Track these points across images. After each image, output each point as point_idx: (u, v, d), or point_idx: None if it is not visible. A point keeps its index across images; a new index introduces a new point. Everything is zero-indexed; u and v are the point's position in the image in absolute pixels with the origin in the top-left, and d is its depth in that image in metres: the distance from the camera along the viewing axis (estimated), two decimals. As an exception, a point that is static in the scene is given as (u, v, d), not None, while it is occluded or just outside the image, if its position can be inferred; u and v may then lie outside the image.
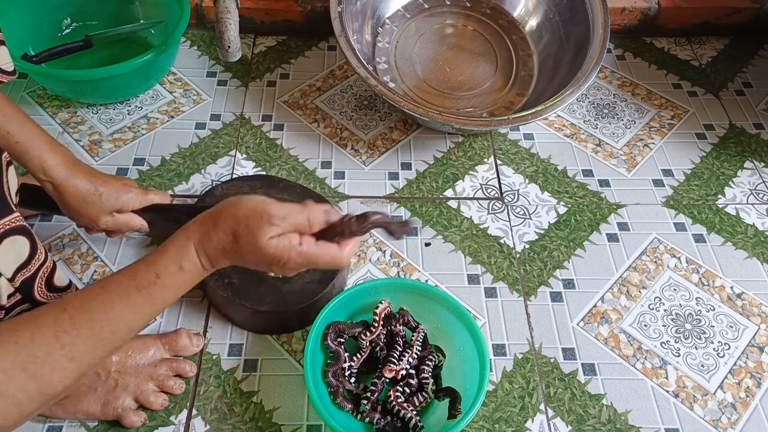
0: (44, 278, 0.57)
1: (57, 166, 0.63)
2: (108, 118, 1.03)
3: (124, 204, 0.70)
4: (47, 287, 0.58)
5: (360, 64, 0.92)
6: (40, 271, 0.56)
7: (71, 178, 0.64)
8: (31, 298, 0.57)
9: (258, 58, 1.15)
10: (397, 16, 1.13)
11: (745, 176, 1.00)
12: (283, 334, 0.78)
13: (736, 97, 1.12)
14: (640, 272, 0.87)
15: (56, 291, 0.60)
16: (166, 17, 1.06)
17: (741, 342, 0.80)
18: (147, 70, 1.00)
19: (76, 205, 0.66)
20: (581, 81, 0.93)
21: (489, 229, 0.90)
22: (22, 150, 0.61)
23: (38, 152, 0.62)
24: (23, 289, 0.55)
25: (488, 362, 0.67)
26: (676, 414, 0.74)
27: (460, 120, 0.90)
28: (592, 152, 1.02)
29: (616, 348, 0.79)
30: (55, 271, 0.59)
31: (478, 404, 0.64)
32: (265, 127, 1.03)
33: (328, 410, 0.65)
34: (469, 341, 0.70)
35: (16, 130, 0.61)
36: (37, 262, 0.55)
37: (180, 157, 0.98)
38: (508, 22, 1.14)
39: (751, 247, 0.90)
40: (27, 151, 0.62)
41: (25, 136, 0.61)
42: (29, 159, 0.62)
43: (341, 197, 0.93)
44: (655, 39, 1.23)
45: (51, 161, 0.63)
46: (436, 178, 0.97)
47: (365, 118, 1.05)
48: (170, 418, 0.71)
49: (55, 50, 1.00)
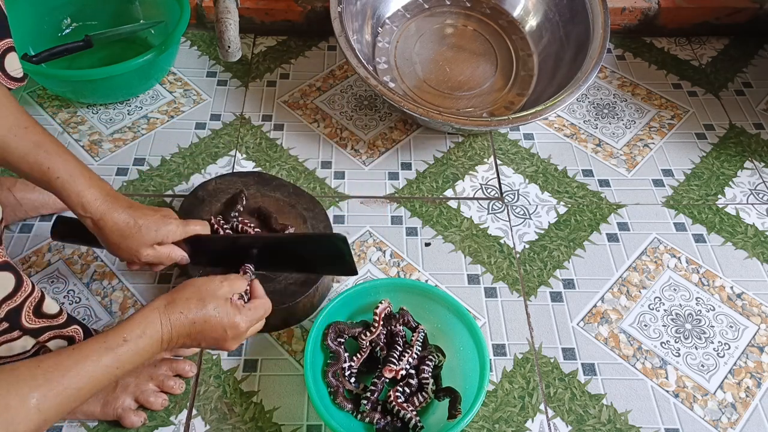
0: (32, 307, 0.58)
1: (95, 200, 0.63)
2: (108, 118, 1.03)
3: (164, 236, 0.68)
4: (35, 314, 0.59)
5: (360, 64, 0.92)
6: (27, 301, 0.57)
7: (110, 212, 0.64)
8: (19, 326, 0.57)
9: (258, 58, 1.15)
10: (397, 16, 1.13)
11: (745, 176, 1.00)
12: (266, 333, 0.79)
13: (736, 97, 1.12)
14: (640, 272, 0.87)
15: (46, 317, 0.61)
16: (166, 17, 1.06)
17: (741, 342, 0.80)
18: (147, 70, 1.00)
19: (115, 239, 0.66)
20: (581, 81, 0.93)
21: (489, 229, 0.90)
22: (61, 186, 0.62)
23: (77, 188, 0.62)
24: (10, 318, 0.56)
25: (488, 362, 0.67)
26: (676, 414, 0.74)
27: (460, 120, 0.90)
28: (592, 152, 1.02)
29: (616, 348, 0.79)
30: (43, 301, 0.60)
31: (478, 404, 0.64)
32: (265, 127, 1.03)
33: (328, 410, 0.65)
34: (469, 341, 0.70)
35: (56, 166, 0.61)
36: (24, 294, 0.56)
37: (180, 157, 0.98)
38: (508, 22, 1.14)
39: (751, 247, 0.90)
40: (66, 187, 0.62)
41: (65, 172, 0.62)
42: (68, 195, 0.62)
43: (341, 197, 0.93)
44: (655, 39, 1.23)
45: (89, 196, 0.63)
46: (436, 178, 0.97)
47: (365, 118, 1.05)
48: (170, 418, 0.71)
49: (55, 50, 1.00)
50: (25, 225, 0.88)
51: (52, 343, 0.63)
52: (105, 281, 0.83)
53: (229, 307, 0.61)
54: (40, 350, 0.62)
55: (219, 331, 0.60)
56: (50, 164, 0.61)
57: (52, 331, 0.62)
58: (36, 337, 0.60)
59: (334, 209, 0.92)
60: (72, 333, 0.65)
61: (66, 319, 0.64)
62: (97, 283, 0.82)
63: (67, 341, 0.64)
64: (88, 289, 0.82)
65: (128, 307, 0.80)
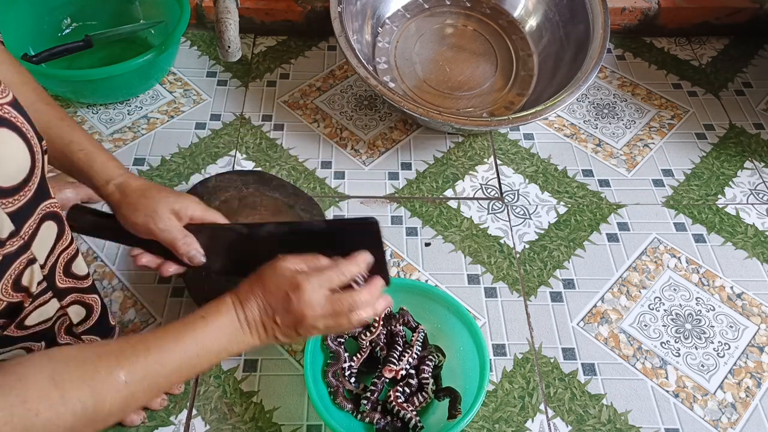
0: (64, 263, 0.58)
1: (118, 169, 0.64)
2: (108, 118, 1.03)
3: (183, 206, 0.63)
4: (65, 272, 0.59)
5: (360, 64, 0.92)
6: (63, 253, 0.57)
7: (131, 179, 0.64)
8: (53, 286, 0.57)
9: (258, 58, 1.15)
10: (397, 16, 1.13)
11: (745, 176, 1.00)
12: None
13: (736, 97, 1.12)
14: (640, 272, 0.87)
15: (74, 278, 0.60)
16: (166, 17, 1.06)
17: (741, 342, 0.80)
18: (147, 70, 1.00)
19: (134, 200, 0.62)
20: (581, 81, 0.93)
21: (489, 229, 0.90)
22: (86, 157, 0.62)
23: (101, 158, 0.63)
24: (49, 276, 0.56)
25: (488, 362, 0.67)
26: (676, 414, 0.74)
27: (460, 120, 0.90)
28: (592, 152, 1.02)
29: (616, 348, 0.79)
30: (76, 258, 0.60)
31: (478, 404, 0.64)
32: (265, 127, 1.03)
33: (328, 410, 0.65)
34: (469, 341, 0.70)
35: (79, 140, 0.62)
36: (62, 245, 0.57)
37: (180, 157, 0.98)
38: (508, 22, 1.14)
39: (751, 247, 0.90)
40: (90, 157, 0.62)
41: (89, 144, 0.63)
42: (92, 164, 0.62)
43: (341, 197, 0.93)
44: (655, 39, 1.23)
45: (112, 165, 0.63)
46: (436, 178, 0.97)
47: (365, 118, 1.05)
48: (170, 418, 0.71)
49: (55, 50, 1.00)
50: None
51: (72, 308, 0.62)
52: (105, 281, 0.83)
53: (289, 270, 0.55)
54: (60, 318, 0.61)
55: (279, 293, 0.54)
56: (73, 138, 0.61)
57: (76, 294, 0.61)
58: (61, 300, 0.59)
59: (334, 209, 0.92)
60: (91, 301, 0.64)
61: (90, 285, 0.63)
62: (97, 283, 0.82)
63: (86, 309, 0.64)
64: (88, 289, 0.82)
65: (128, 307, 0.80)
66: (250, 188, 0.85)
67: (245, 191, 0.85)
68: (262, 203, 0.83)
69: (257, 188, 0.85)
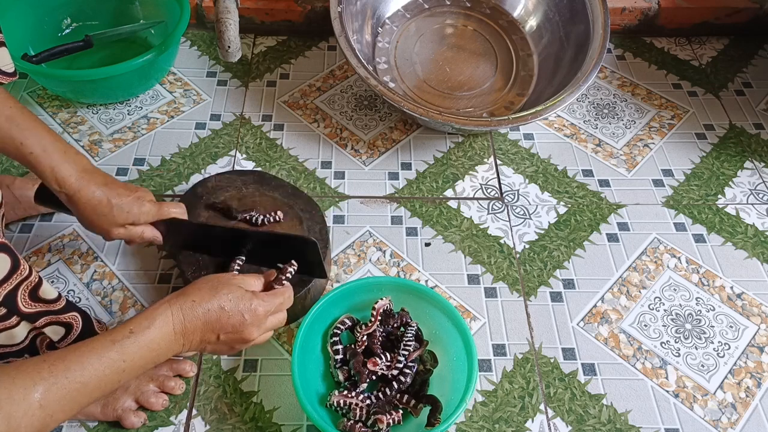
0: (27, 290, 0.57)
1: (70, 177, 0.63)
2: (108, 118, 1.03)
3: (136, 217, 0.68)
4: (31, 297, 0.58)
5: (360, 64, 0.92)
6: (23, 285, 0.56)
7: (84, 189, 0.64)
8: (16, 310, 0.57)
9: (258, 58, 1.15)
10: (397, 16, 1.13)
11: (745, 176, 1.00)
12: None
13: (736, 97, 1.12)
14: (640, 272, 0.87)
15: (42, 302, 0.60)
16: (166, 17, 1.07)
17: (741, 342, 0.80)
18: (147, 70, 1.00)
19: (88, 215, 0.66)
20: (581, 81, 0.93)
21: (489, 229, 0.90)
22: (35, 161, 0.61)
23: (51, 163, 0.62)
24: (7, 302, 0.55)
25: (476, 375, 0.66)
26: (676, 414, 0.74)
27: (460, 120, 0.90)
28: (592, 152, 1.02)
29: (616, 348, 0.79)
30: (41, 285, 0.59)
31: (456, 416, 0.63)
32: (265, 127, 1.03)
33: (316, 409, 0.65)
34: (461, 352, 0.69)
35: (29, 141, 0.61)
36: (19, 277, 0.56)
37: (180, 157, 0.98)
38: (508, 22, 1.14)
39: (751, 247, 0.90)
40: (40, 162, 0.61)
41: (38, 147, 0.61)
42: (42, 170, 0.62)
43: (341, 197, 0.93)
44: (655, 39, 1.23)
45: (64, 172, 0.62)
46: (436, 178, 0.97)
47: (365, 118, 1.05)
48: (170, 418, 0.71)
49: (55, 50, 1.00)
50: (25, 225, 0.88)
51: (49, 329, 0.62)
52: (105, 281, 0.83)
53: (243, 292, 0.59)
54: (37, 337, 0.62)
55: (237, 317, 0.58)
56: (23, 139, 0.60)
57: (48, 317, 0.61)
58: (32, 323, 0.59)
59: (334, 209, 0.92)
60: (70, 320, 0.64)
61: (64, 305, 0.63)
62: (97, 283, 0.82)
63: (65, 328, 0.63)
64: (88, 289, 0.82)
65: (128, 307, 0.80)
66: (249, 188, 0.85)
67: (245, 191, 0.85)
68: (262, 203, 0.83)
69: (257, 188, 0.85)
